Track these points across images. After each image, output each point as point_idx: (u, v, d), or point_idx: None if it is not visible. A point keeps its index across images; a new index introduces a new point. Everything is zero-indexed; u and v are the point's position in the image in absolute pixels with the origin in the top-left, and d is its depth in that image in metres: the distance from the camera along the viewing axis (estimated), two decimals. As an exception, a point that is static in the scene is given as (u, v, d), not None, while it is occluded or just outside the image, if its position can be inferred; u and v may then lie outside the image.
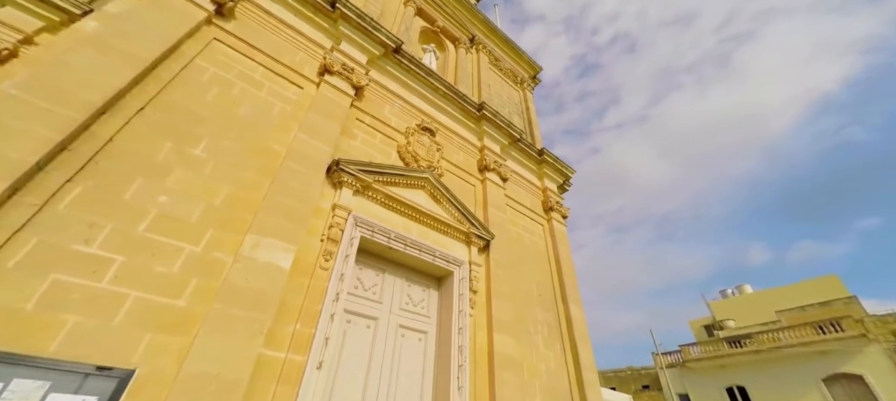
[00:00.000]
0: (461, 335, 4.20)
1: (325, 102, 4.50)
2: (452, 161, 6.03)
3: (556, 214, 7.43)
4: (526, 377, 4.72)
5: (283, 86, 4.35)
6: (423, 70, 6.18)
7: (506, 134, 7.19)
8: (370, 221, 4.06)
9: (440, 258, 4.57)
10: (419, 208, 4.63)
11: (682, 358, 19.47)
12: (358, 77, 5.01)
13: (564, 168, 8.20)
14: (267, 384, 2.74)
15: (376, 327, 3.94)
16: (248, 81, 4.04)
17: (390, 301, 4.22)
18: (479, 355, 4.33)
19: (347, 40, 5.33)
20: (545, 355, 5.23)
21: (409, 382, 3.88)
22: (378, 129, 5.17)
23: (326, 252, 3.57)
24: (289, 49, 4.67)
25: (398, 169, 4.61)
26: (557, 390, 5.02)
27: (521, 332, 5.09)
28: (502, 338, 4.55)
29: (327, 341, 3.14)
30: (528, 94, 10.56)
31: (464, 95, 6.74)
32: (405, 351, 4.04)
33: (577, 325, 5.87)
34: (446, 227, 4.88)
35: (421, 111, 6.02)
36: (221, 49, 4.03)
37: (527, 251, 6.31)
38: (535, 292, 5.86)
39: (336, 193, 4.00)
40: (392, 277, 4.40)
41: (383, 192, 4.33)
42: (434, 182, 4.95)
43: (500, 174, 6.55)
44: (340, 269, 3.54)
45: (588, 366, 5.50)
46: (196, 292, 2.73)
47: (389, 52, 5.79)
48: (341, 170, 3.99)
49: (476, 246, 5.12)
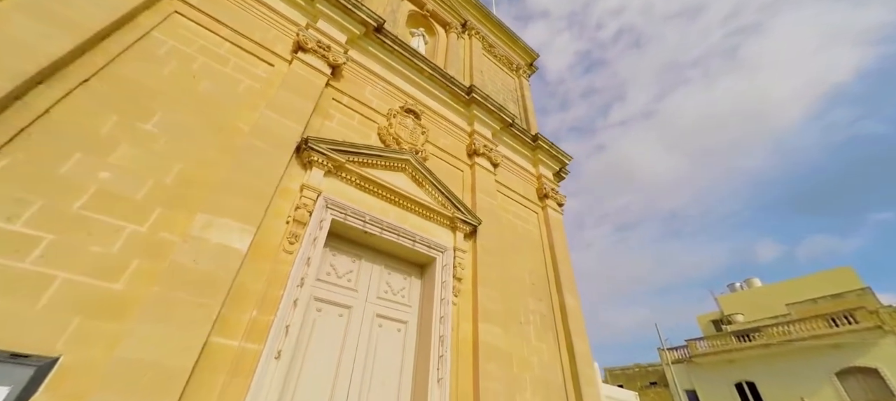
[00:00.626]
0: (443, 324, 3.93)
1: (297, 79, 4.25)
2: (439, 145, 5.75)
3: (552, 201, 7.13)
4: (515, 370, 4.44)
5: (252, 63, 4.10)
6: (408, 51, 5.91)
7: (497, 118, 6.89)
8: (343, 204, 3.80)
9: (421, 244, 4.30)
10: (399, 191, 4.36)
11: (688, 353, 18.99)
12: (335, 56, 4.75)
13: (560, 154, 7.88)
14: (216, 375, 2.50)
15: (350, 317, 3.69)
16: (211, 57, 3.80)
17: (367, 289, 3.96)
18: (462, 345, 4.06)
19: (325, 18, 5.07)
20: (538, 346, 4.94)
21: (385, 374, 3.62)
22: (357, 110, 4.90)
23: (292, 235, 3.31)
24: (260, 26, 4.42)
25: (376, 149, 4.35)
26: (551, 384, 4.73)
27: (511, 322, 4.81)
28: (489, 328, 4.28)
29: (288, 330, 2.88)
30: (524, 81, 10.24)
31: (452, 78, 6.45)
32: (382, 342, 3.78)
33: (572, 316, 5.57)
34: (429, 211, 4.61)
35: (405, 93, 5.75)
36: (183, 22, 3.79)
37: (519, 239, 6.02)
38: (528, 281, 5.56)
39: (306, 173, 3.75)
40: (369, 265, 4.14)
41: (359, 173, 4.07)
42: (416, 164, 4.68)
43: (491, 159, 6.26)
44: (306, 252, 3.29)
45: (584, 359, 5.20)
46: (137, 275, 2.49)
47: (371, 31, 5.53)
48: (311, 149, 3.73)
49: (462, 232, 4.84)
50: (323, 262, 3.80)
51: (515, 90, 9.75)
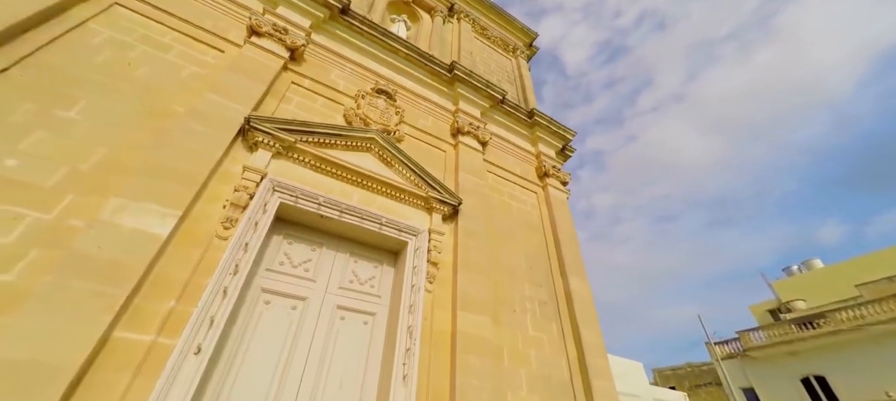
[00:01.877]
0: (412, 314, 3.45)
1: (248, 62, 4.02)
2: (417, 126, 5.34)
3: (554, 180, 6.47)
4: (506, 364, 3.86)
5: (200, 50, 3.92)
6: (380, 31, 5.58)
7: (485, 95, 6.39)
8: (293, 186, 3.46)
9: (389, 227, 3.87)
10: (363, 172, 3.98)
11: (741, 347, 16.98)
12: (293, 38, 4.50)
13: (562, 130, 7.21)
14: (119, 374, 2.18)
15: (305, 309, 3.31)
16: (152, 45, 3.64)
17: (327, 279, 3.58)
18: (439, 338, 3.55)
19: (285, 4, 4.85)
20: (536, 337, 4.32)
21: (345, 372, 3.19)
22: (321, 93, 4.61)
23: (228, 219, 3.00)
24: (212, 14, 4.26)
25: (334, 128, 4.00)
26: (552, 380, 4.09)
27: (502, 311, 4.24)
28: (470, 317, 3.75)
29: (213, 321, 2.54)
30: (522, 61, 9.65)
31: (430, 56, 6.05)
32: (344, 336, 3.37)
33: (579, 301, 4.89)
34: (400, 192, 4.18)
35: (379, 75, 5.41)
36: (124, 14, 3.67)
37: (514, 221, 5.43)
38: (524, 266, 4.96)
39: (251, 155, 3.45)
40: (332, 253, 3.77)
41: (314, 153, 3.73)
42: (383, 143, 4.28)
43: (478, 138, 5.76)
44: (244, 237, 2.96)
45: (594, 349, 4.50)
46: (34, 265, 2.25)
47: (336, 14, 5.26)
48: (254, 128, 3.44)
49: (439, 213, 4.36)
50: (276, 251, 3.47)
51: (512, 71, 9.19)
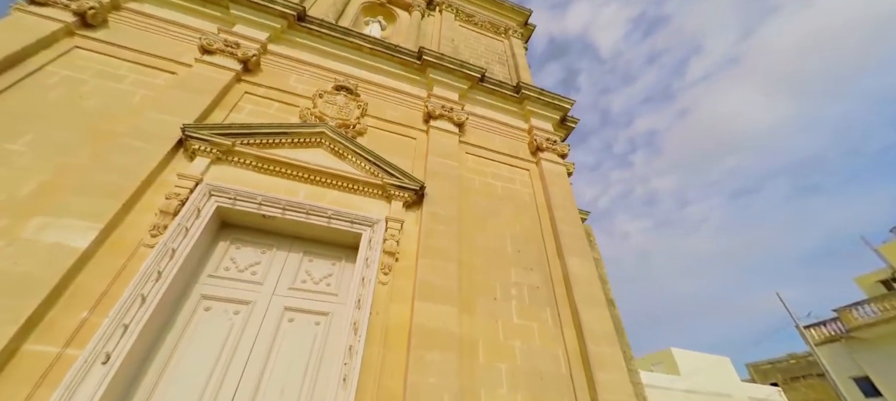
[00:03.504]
0: (360, 310, 3.13)
1: (196, 79, 4.11)
2: (385, 117, 5.11)
3: (550, 153, 5.83)
4: (482, 359, 3.35)
5: (152, 75, 4.09)
6: (340, 31, 5.52)
7: (461, 77, 6.01)
8: (230, 188, 3.38)
9: (339, 220, 3.63)
10: (311, 167, 3.81)
11: (843, 327, 13.93)
12: (244, 51, 4.56)
13: (556, 100, 6.54)
14: (20, 387, 2.14)
15: (250, 313, 3.15)
16: (105, 77, 3.85)
17: (275, 281, 3.40)
18: (395, 333, 3.18)
19: (242, 22, 4.99)
20: (523, 326, 3.74)
21: (289, 377, 2.94)
22: (276, 98, 4.58)
23: (156, 227, 2.97)
24: (168, 42, 4.47)
25: (279, 126, 3.90)
26: (545, 374, 3.47)
27: (478, 299, 3.74)
28: (431, 308, 3.33)
29: (126, 329, 2.45)
30: (516, 41, 9.09)
31: (396, 47, 5.84)
32: (292, 339, 3.14)
33: (579, 283, 4.21)
34: (354, 183, 3.94)
35: (342, 74, 5.30)
36: (83, 54, 3.95)
37: (498, 202, 4.91)
38: (510, 249, 4.41)
39: (190, 164, 3.45)
40: (283, 254, 3.61)
41: (255, 154, 3.65)
42: (333, 136, 4.10)
43: (452, 120, 5.37)
44: (171, 243, 2.89)
45: (598, 336, 3.79)
46: (-46, 286, 2.33)
47: (293, 22, 5.29)
48: (189, 136, 3.44)
49: (400, 200, 4.04)
50: (221, 256, 3.39)
51: (503, 52, 8.68)
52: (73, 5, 4.03)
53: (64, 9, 4.00)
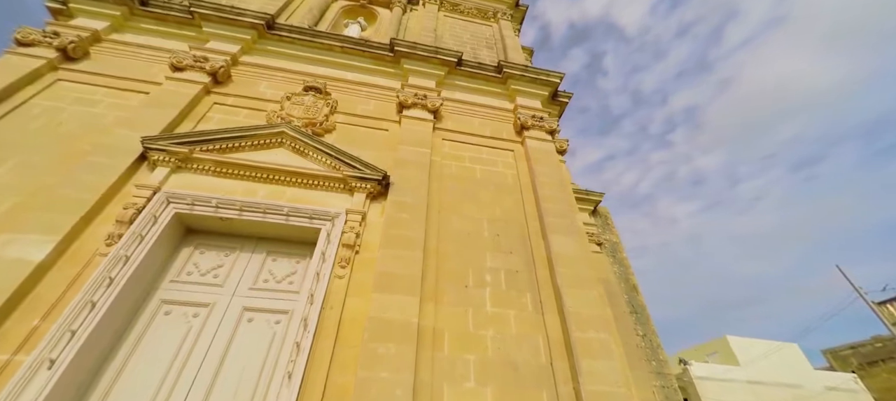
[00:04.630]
0: (312, 305, 3.01)
1: (164, 95, 4.27)
2: (356, 112, 5.03)
3: (536, 131, 5.46)
4: (447, 351, 3.10)
5: (126, 97, 4.30)
6: (309, 34, 5.54)
7: (438, 63, 5.81)
8: (187, 193, 3.42)
9: (297, 216, 3.56)
10: (270, 167, 3.79)
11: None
12: (213, 64, 4.68)
13: (542, 75, 6.14)
14: (-32, 395, 2.24)
15: (208, 316, 3.14)
16: (82, 104, 4.10)
17: (236, 282, 3.38)
18: (349, 328, 3.02)
19: (215, 38, 5.15)
20: (497, 314, 3.44)
21: (243, 375, 2.88)
22: (244, 105, 4.65)
23: (112, 236, 3.05)
24: (144, 66, 4.69)
25: (237, 130, 3.93)
26: (520, 365, 3.15)
27: (446, 288, 3.50)
28: (389, 299, 3.14)
29: (73, 334, 2.50)
30: (505, 24, 8.74)
31: (367, 42, 5.77)
32: (249, 339, 3.09)
33: (564, 264, 3.83)
34: (314, 179, 3.87)
35: (313, 75, 5.29)
36: (66, 85, 4.24)
37: (477, 185, 4.63)
38: (487, 233, 4.11)
39: (151, 174, 3.54)
40: (247, 255, 3.59)
41: (213, 159, 3.68)
42: (294, 134, 4.06)
43: (427, 107, 5.17)
44: (125, 251, 2.95)
45: (584, 321, 3.40)
46: (-78, 303, 2.50)
47: (263, 32, 5.39)
48: (148, 148, 3.53)
49: (362, 192, 3.91)
50: (185, 261, 3.44)
51: (491, 36, 8.36)
52: (56, 42, 4.34)
53: (47, 47, 4.32)
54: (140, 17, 5.17)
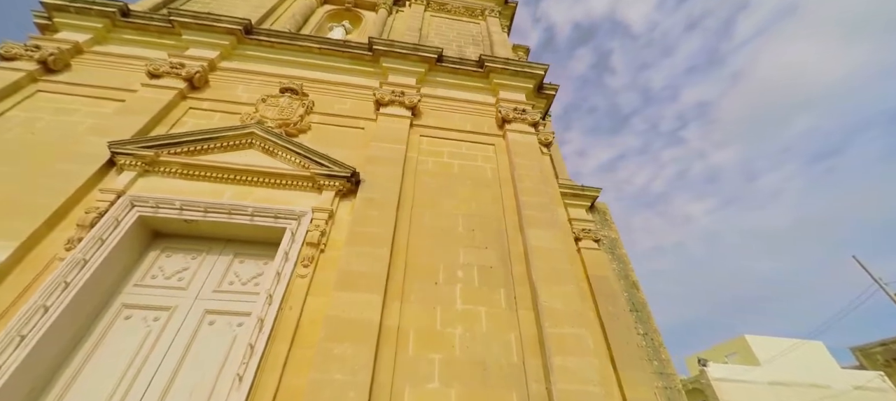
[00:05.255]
0: (270, 306, 2.93)
1: (139, 102, 4.30)
2: (332, 112, 4.99)
3: (518, 124, 5.31)
4: (411, 351, 2.96)
5: (102, 105, 4.35)
6: (287, 37, 5.56)
7: (417, 60, 5.75)
8: (150, 196, 3.40)
9: (262, 216, 3.50)
10: (237, 168, 3.76)
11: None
12: (188, 70, 4.72)
13: (526, 68, 6.01)
14: (-88, 402, 2.22)
15: (169, 319, 3.09)
16: (59, 114, 4.16)
17: (200, 285, 3.33)
18: (308, 328, 2.93)
19: (194, 45, 5.21)
20: (467, 312, 3.29)
21: (201, 378, 2.81)
22: (220, 109, 4.66)
23: (70, 240, 3.04)
24: (123, 75, 4.75)
25: (206, 132, 3.91)
26: (490, 364, 2.99)
27: (414, 285, 3.37)
28: (350, 297, 3.03)
29: (22, 339, 2.47)
30: (492, 20, 8.65)
31: (346, 42, 5.76)
32: (209, 342, 3.02)
33: (540, 258, 3.66)
34: (282, 178, 3.82)
35: (291, 77, 5.28)
36: (45, 96, 4.31)
37: (454, 181, 4.50)
38: (461, 228, 3.98)
39: (118, 178, 3.55)
40: (214, 258, 3.55)
41: (180, 162, 3.67)
42: (263, 135, 4.03)
43: (404, 104, 5.09)
44: (83, 255, 2.93)
45: (560, 317, 3.22)
46: None
47: (241, 37, 5.42)
48: (115, 152, 3.54)
49: (331, 190, 3.83)
50: (150, 265, 3.41)
51: (479, 34, 8.27)
52: (37, 55, 4.44)
53: (29, 60, 4.41)
54: (122, 29, 5.27)
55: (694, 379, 20.92)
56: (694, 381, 20.87)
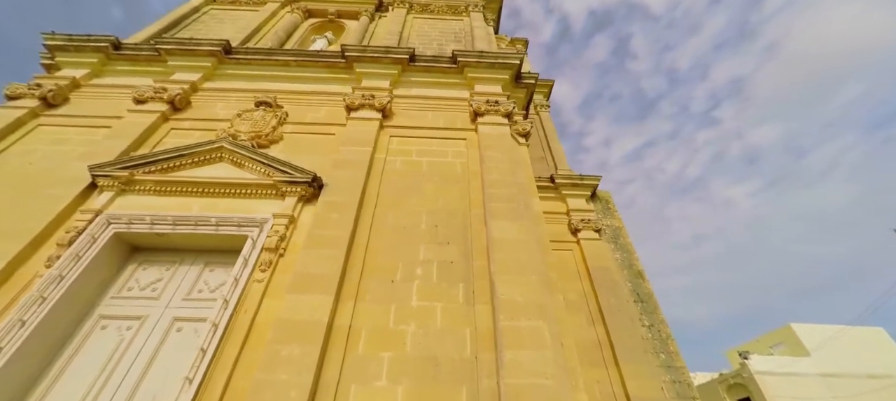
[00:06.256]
0: (225, 310, 3.03)
1: (125, 126, 4.61)
2: (305, 121, 5.13)
3: (491, 116, 5.21)
4: (362, 349, 2.96)
5: (91, 133, 4.69)
6: (263, 53, 5.77)
7: (390, 62, 5.79)
8: (125, 214, 3.63)
9: (226, 225, 3.64)
10: (206, 181, 3.93)
11: None
12: (170, 93, 5.01)
13: (501, 58, 5.91)
14: None
15: (140, 328, 3.27)
16: (54, 144, 4.53)
17: (172, 295, 3.51)
18: (262, 329, 3.00)
19: (179, 69, 5.52)
20: (422, 308, 3.25)
21: (164, 383, 2.94)
22: (199, 127, 4.90)
23: (50, 258, 3.29)
24: (114, 104, 5.12)
25: (177, 150, 4.12)
26: (441, 360, 2.93)
27: (370, 284, 3.37)
28: (302, 299, 3.07)
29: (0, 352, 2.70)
30: (476, 16, 8.57)
31: (319, 52, 5.91)
32: (176, 348, 3.17)
33: (502, 250, 3.56)
34: (247, 188, 3.95)
35: (268, 91, 5.45)
36: (45, 129, 4.72)
37: (421, 178, 4.47)
38: (424, 225, 3.94)
39: (98, 198, 3.81)
40: (186, 268, 3.72)
41: (155, 180, 3.89)
42: (231, 148, 4.19)
43: (375, 107, 5.13)
44: (60, 271, 3.17)
45: (518, 309, 3.11)
46: None
47: (222, 57, 5.68)
48: (95, 175, 3.81)
49: (294, 195, 3.92)
50: (128, 278, 3.63)
51: (461, 30, 8.22)
52: (38, 93, 4.87)
53: (31, 98, 4.85)
54: (116, 61, 5.68)
55: (735, 373, 19.56)
56: (735, 375, 19.51)
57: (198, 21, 7.67)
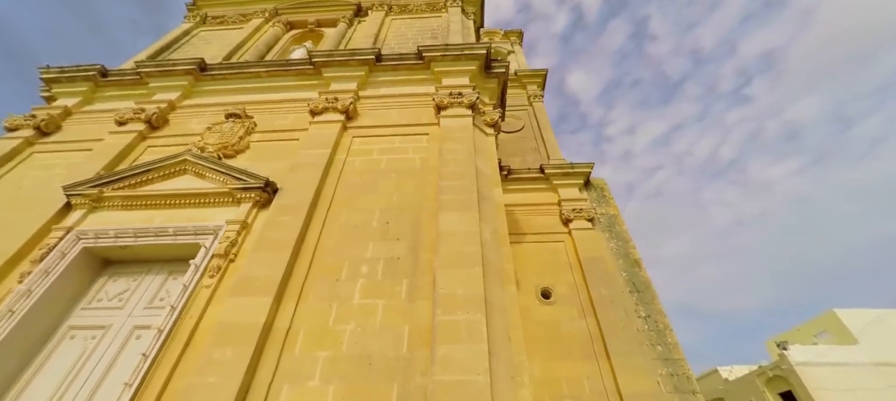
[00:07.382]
0: (171, 316, 3.13)
1: (104, 148, 4.90)
2: (273, 128, 5.25)
3: (455, 108, 5.11)
4: (298, 350, 2.96)
5: (73, 156, 5.01)
6: (236, 67, 5.97)
7: (356, 65, 5.82)
8: (92, 229, 3.84)
9: (183, 234, 3.77)
10: (168, 193, 4.10)
11: None
12: (148, 112, 5.27)
13: (467, 49, 5.82)
14: None
15: (103, 336, 3.44)
16: (42, 169, 4.88)
17: (135, 304, 3.67)
18: (204, 333, 3.06)
19: (159, 90, 5.81)
20: (364, 306, 3.21)
21: (120, 389, 3.07)
22: (174, 143, 5.11)
23: (22, 274, 3.52)
24: (99, 127, 5.44)
25: (143, 166, 4.32)
26: (375, 358, 2.88)
27: (314, 284, 3.37)
28: (241, 302, 3.12)
29: (-34, 362, 2.92)
30: (453, 11, 8.47)
31: (288, 61, 6.03)
32: (134, 354, 3.30)
33: (447, 243, 3.47)
34: (205, 197, 4.08)
35: (237, 103, 5.61)
36: (38, 156, 5.10)
37: (379, 176, 4.45)
38: (376, 223, 3.91)
39: (72, 216, 4.05)
40: (152, 277, 3.89)
41: (121, 195, 4.09)
42: (194, 160, 4.35)
43: (338, 109, 5.17)
44: (29, 287, 3.39)
45: (456, 303, 3.01)
46: None
47: (199, 75, 5.92)
48: (68, 194, 4.06)
49: (248, 201, 4.00)
50: (98, 290, 3.84)
51: (439, 27, 8.14)
52: (32, 123, 5.27)
53: (27, 127, 5.25)
54: (104, 88, 6.05)
55: (773, 365, 18.20)
56: (774, 367, 18.15)
57: (188, 43, 8.05)
